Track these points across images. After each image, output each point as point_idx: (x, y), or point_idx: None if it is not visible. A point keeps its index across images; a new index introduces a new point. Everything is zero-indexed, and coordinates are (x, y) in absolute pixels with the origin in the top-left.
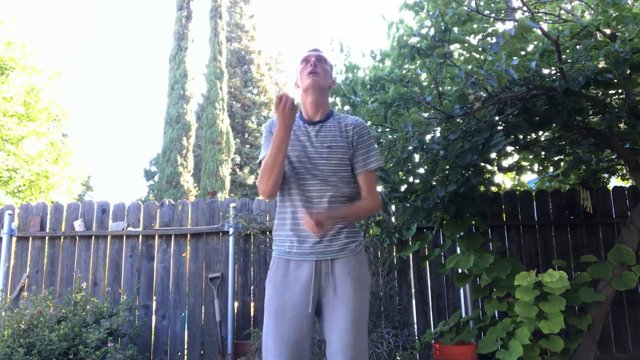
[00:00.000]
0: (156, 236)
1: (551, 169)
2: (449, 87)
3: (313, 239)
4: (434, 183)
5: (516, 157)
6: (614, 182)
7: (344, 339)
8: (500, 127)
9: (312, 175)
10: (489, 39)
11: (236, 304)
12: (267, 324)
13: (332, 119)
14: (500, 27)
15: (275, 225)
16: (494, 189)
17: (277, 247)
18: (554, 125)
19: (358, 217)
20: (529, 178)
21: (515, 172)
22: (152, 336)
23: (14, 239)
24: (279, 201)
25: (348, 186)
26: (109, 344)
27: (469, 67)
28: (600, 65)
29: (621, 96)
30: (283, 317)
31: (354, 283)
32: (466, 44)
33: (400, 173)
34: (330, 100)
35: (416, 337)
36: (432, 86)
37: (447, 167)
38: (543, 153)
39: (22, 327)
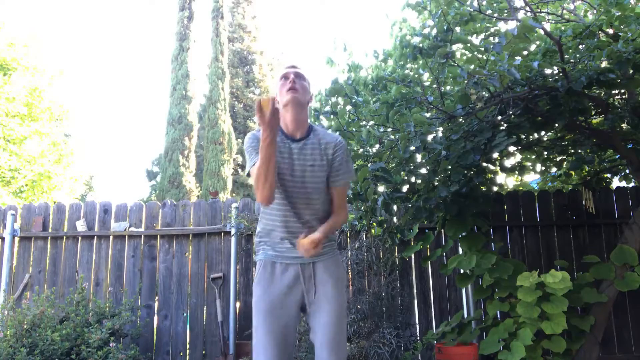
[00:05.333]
0: (158, 236)
1: (554, 169)
2: (451, 87)
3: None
4: (436, 183)
5: (518, 157)
6: (617, 182)
7: (329, 332)
8: (502, 127)
9: (297, 191)
10: (491, 38)
11: (238, 304)
12: (256, 323)
13: (312, 135)
14: (502, 27)
15: (262, 230)
16: (496, 189)
17: (264, 251)
18: (556, 125)
19: (335, 231)
20: (531, 178)
21: (517, 173)
22: (154, 336)
23: (17, 239)
24: (265, 209)
25: (326, 200)
26: (111, 344)
27: (471, 67)
28: (602, 65)
29: (624, 96)
30: (272, 315)
31: (336, 283)
32: (468, 44)
33: (402, 173)
34: (333, 100)
35: (418, 338)
36: (434, 86)
37: (449, 167)
38: (545, 153)
39: (25, 326)
